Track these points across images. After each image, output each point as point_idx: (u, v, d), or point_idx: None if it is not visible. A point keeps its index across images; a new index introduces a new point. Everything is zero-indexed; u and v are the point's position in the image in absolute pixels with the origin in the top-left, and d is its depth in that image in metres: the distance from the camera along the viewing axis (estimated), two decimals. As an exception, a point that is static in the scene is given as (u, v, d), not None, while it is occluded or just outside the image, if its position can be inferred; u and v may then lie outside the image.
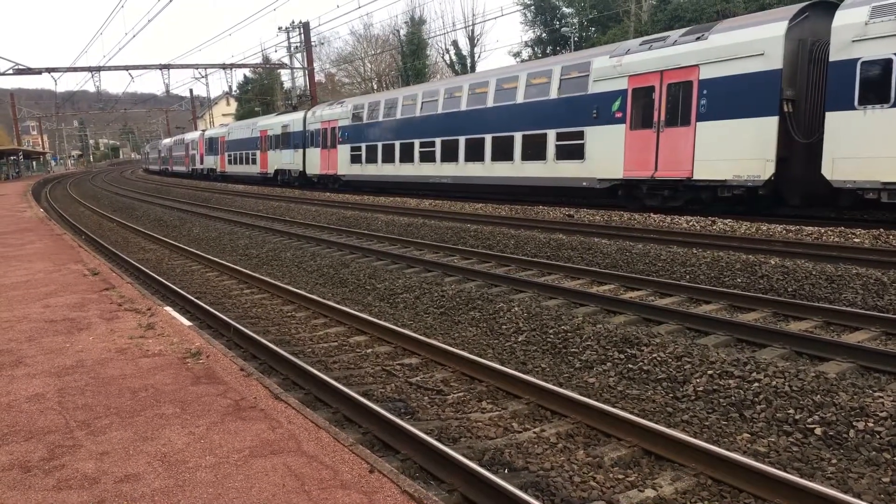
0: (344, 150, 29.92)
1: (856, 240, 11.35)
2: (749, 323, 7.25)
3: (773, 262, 9.76)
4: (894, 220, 13.04)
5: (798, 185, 14.35)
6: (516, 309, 8.32)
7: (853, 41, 12.49)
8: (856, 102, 12.47)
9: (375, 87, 56.49)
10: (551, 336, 7.40)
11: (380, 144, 27.17)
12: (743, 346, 6.85)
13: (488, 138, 21.19)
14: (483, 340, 7.68)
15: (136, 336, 6.82)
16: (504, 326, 7.97)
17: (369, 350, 7.34)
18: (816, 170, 13.12)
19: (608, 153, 17.17)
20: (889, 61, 12.04)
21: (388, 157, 26.60)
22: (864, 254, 10.12)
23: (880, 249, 10.25)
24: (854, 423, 4.81)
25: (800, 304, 7.91)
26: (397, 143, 25.99)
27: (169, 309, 8.28)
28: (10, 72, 38.51)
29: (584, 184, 17.96)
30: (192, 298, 9.66)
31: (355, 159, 29.05)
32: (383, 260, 12.51)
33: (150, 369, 5.74)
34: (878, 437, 4.65)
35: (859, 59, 12.41)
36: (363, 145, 28.40)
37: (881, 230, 11.65)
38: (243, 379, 5.44)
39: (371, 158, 27.81)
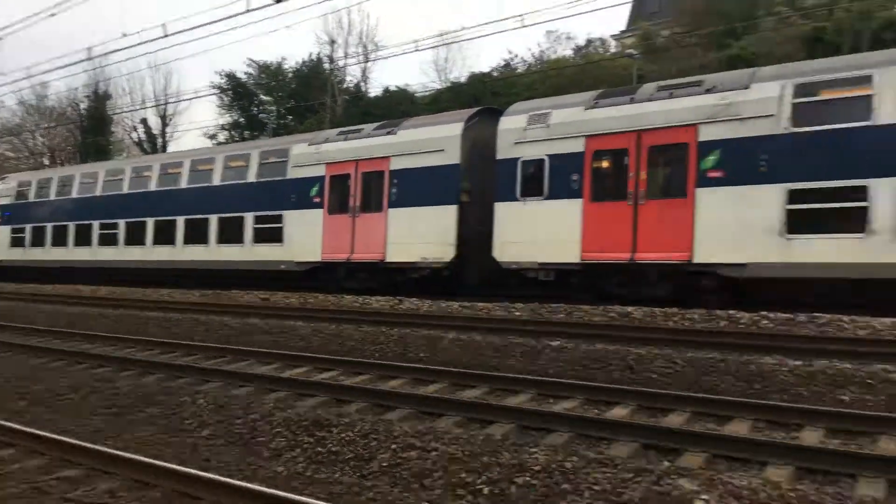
0: (4, 232, 26.07)
1: (517, 313, 12.85)
2: (429, 394, 7.72)
3: (450, 336, 10.63)
4: (541, 296, 14.96)
5: (475, 267, 15.96)
6: (202, 401, 7.77)
7: (515, 143, 14.52)
8: (518, 195, 14.40)
9: (47, 163, 50.30)
10: (239, 426, 7.02)
11: (49, 226, 24.19)
12: (424, 417, 7.24)
13: (181, 220, 20.14)
14: (161, 439, 6.98)
15: None
16: (187, 421, 7.36)
17: (15, 465, 6.16)
18: (489, 252, 14.76)
19: (307, 237, 17.43)
20: (542, 161, 14.13)
21: (60, 240, 23.73)
22: (522, 325, 11.44)
23: (535, 321, 11.80)
24: (515, 480, 5.32)
25: (473, 373, 8.65)
26: (71, 225, 23.37)
27: None
28: None
29: (283, 266, 17.92)
30: None
31: (16, 242, 25.42)
32: (42, 358, 10.85)
33: None
34: (533, 490, 5.20)
35: (520, 158, 14.43)
36: (28, 226, 25.05)
37: (537, 304, 13.38)
38: None
39: (38, 241, 24.55)
